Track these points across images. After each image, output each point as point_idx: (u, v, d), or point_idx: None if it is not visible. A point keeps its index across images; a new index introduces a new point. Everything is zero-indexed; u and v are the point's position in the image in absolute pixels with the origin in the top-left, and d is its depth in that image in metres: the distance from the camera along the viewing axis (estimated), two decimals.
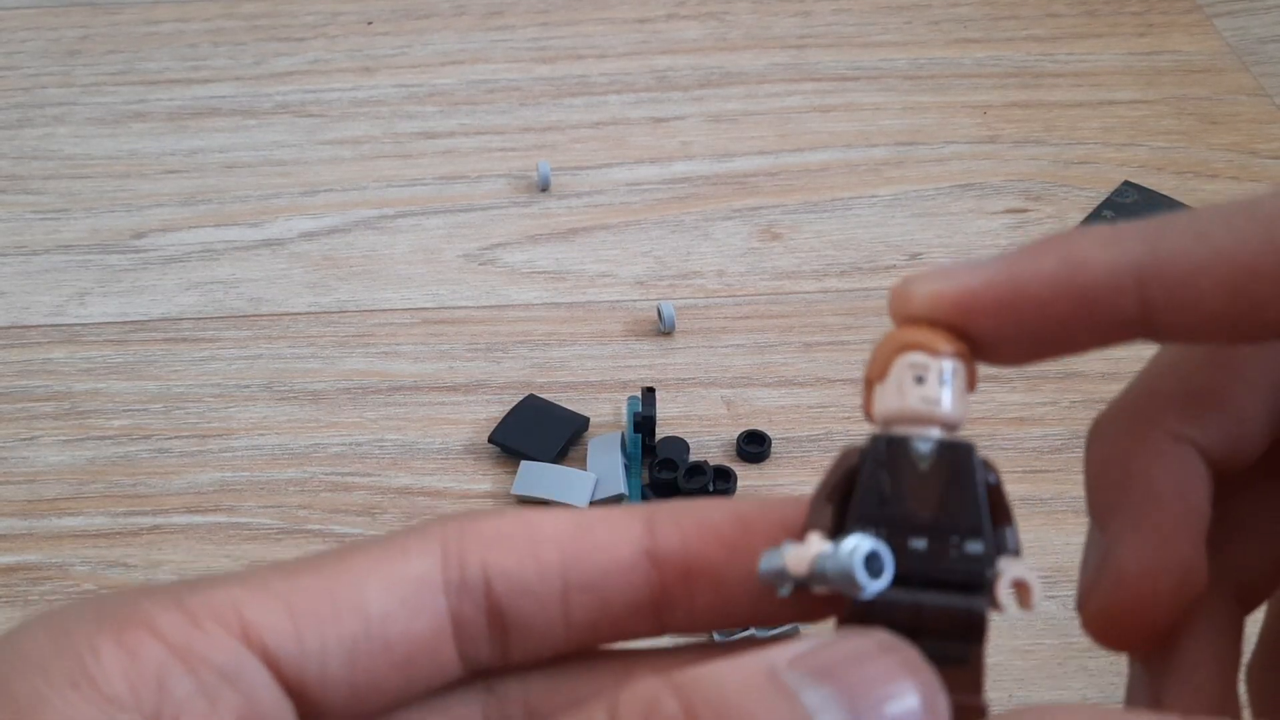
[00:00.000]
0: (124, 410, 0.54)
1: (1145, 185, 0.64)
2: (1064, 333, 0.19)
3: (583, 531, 0.20)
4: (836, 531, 0.19)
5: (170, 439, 0.52)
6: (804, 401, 0.54)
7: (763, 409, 0.53)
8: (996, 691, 0.44)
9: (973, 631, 0.18)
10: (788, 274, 0.60)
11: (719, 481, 0.49)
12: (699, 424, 0.53)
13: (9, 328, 0.57)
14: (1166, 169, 0.65)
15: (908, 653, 0.17)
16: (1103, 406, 0.22)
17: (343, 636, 0.18)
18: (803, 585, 0.19)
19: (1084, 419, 0.52)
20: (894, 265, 0.60)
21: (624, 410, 0.53)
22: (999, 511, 0.19)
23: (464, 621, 0.19)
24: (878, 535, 0.18)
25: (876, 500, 0.19)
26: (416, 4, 0.77)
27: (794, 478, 0.51)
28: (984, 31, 0.74)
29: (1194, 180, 0.64)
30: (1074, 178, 0.64)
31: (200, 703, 0.17)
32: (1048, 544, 0.48)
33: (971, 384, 0.20)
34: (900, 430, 0.19)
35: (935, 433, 0.19)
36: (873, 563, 0.18)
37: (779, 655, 0.17)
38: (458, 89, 0.71)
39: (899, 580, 0.18)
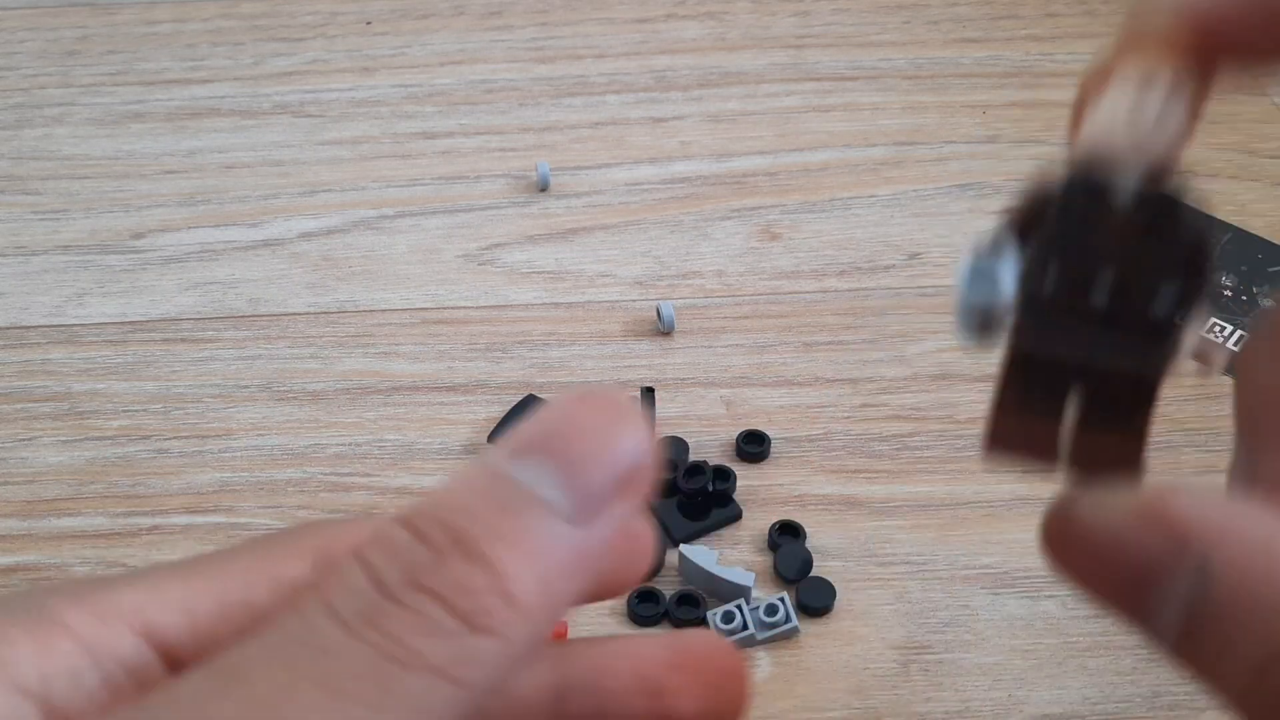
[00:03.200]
0: (123, 411, 0.54)
1: None
2: None
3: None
4: (1020, 266, 0.17)
5: (169, 439, 0.52)
6: (804, 401, 0.54)
7: (762, 409, 0.53)
8: (996, 691, 0.44)
9: (1145, 392, 0.17)
10: (787, 274, 0.60)
11: (718, 481, 0.49)
12: (698, 424, 0.53)
13: (8, 328, 0.57)
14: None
15: (602, 397, 0.18)
16: None
17: (235, 633, 0.19)
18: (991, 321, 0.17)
19: None
20: (893, 265, 0.60)
21: None
22: (1195, 269, 0.17)
23: None
24: (1061, 278, 0.17)
25: (1064, 240, 0.17)
26: (416, 4, 0.77)
27: (793, 478, 0.51)
28: (983, 31, 0.74)
29: (1193, 180, 0.64)
30: None
31: (106, 694, 0.18)
32: None
33: (1199, 111, 0.17)
34: (1105, 160, 0.17)
35: (1144, 169, 0.17)
36: (980, 278, 0.16)
37: (495, 454, 0.17)
38: (457, 89, 0.71)
39: (1074, 330, 0.16)
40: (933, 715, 0.43)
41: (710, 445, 0.52)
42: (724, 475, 0.49)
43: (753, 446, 0.51)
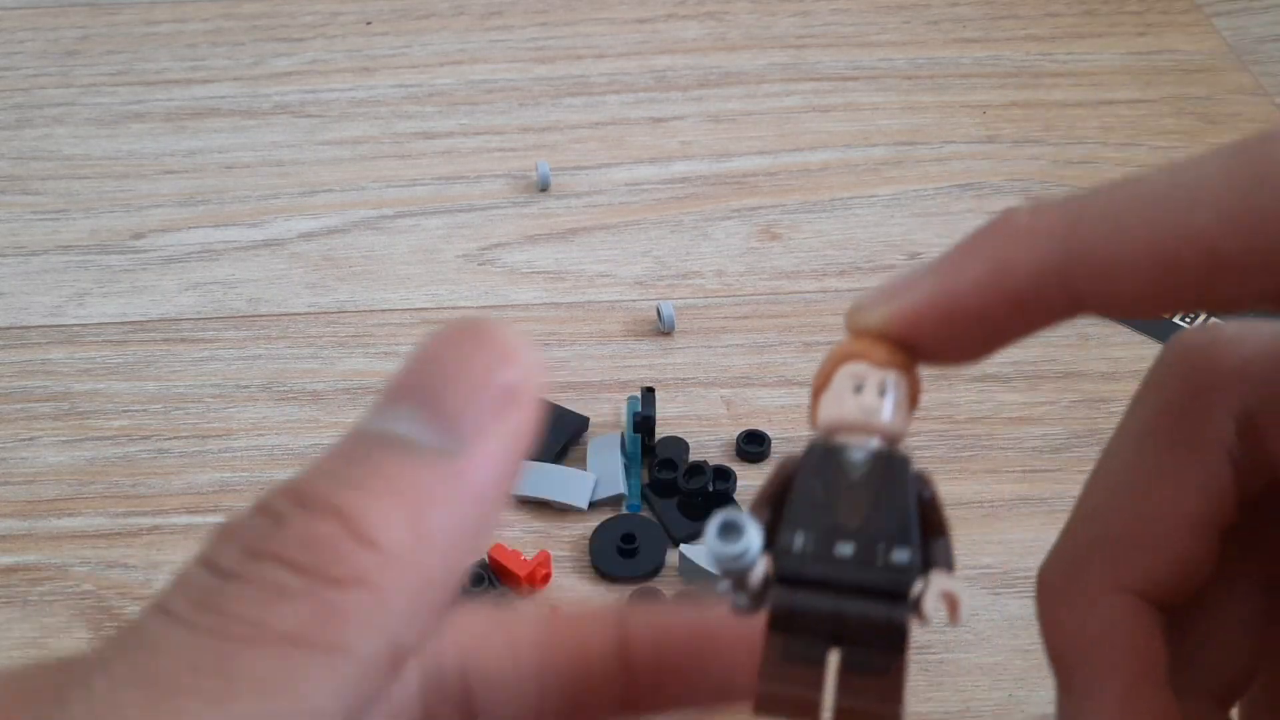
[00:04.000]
0: (123, 411, 0.54)
1: None
2: (1003, 329, 0.20)
3: (558, 633, 0.20)
4: (770, 535, 0.19)
5: (170, 439, 0.52)
6: (804, 401, 0.53)
7: (762, 409, 0.53)
8: (996, 691, 0.44)
9: (895, 641, 0.18)
10: (787, 274, 0.60)
11: (719, 481, 0.49)
12: (699, 424, 0.53)
13: (8, 328, 0.57)
14: None
15: (477, 329, 0.17)
16: (1100, 406, 0.23)
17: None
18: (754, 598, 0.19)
19: (1083, 418, 0.52)
20: (893, 265, 0.60)
21: (624, 410, 0.53)
22: (933, 525, 0.19)
23: (435, 717, 0.19)
24: (806, 539, 0.19)
25: (808, 505, 0.19)
26: (416, 4, 0.77)
27: None
28: (983, 31, 0.75)
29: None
30: (1073, 177, 0.65)
31: None
32: (1047, 544, 0.48)
33: (914, 398, 0.20)
34: (838, 439, 0.19)
35: (873, 442, 0.19)
36: (727, 531, 0.18)
37: (365, 416, 0.16)
38: (457, 89, 0.71)
39: (824, 586, 0.18)
40: (933, 715, 0.43)
41: (710, 445, 0.52)
42: (724, 475, 0.49)
43: (753, 446, 0.51)
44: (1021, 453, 0.51)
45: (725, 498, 0.49)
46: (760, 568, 0.18)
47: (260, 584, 0.14)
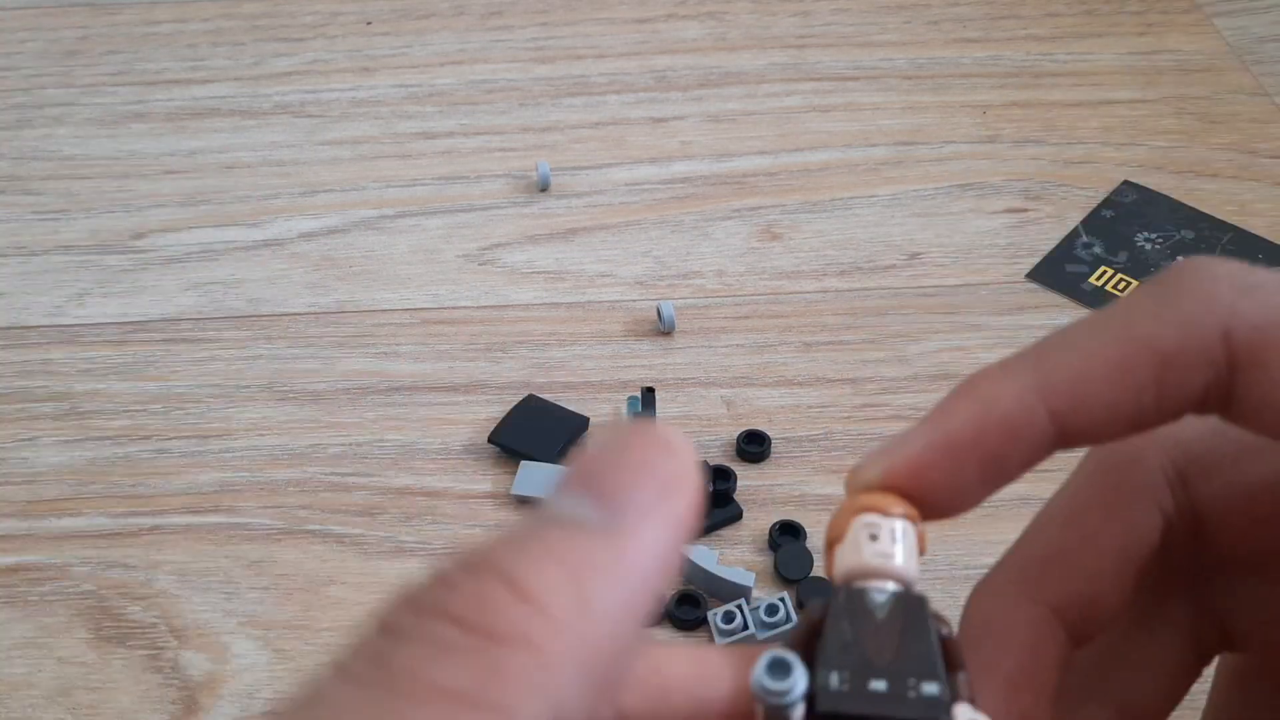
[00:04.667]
0: (124, 411, 0.54)
1: (1145, 185, 0.64)
2: (998, 464, 0.22)
3: (703, 669, 0.20)
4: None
5: (170, 439, 0.52)
6: (804, 401, 0.54)
7: (763, 409, 0.53)
8: None
9: None
10: (787, 274, 0.60)
11: (719, 481, 0.49)
12: (699, 424, 0.53)
13: (9, 328, 0.57)
14: (1166, 168, 0.65)
15: (643, 429, 0.18)
16: None
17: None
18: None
19: None
20: (894, 265, 0.60)
21: (624, 410, 0.53)
22: (952, 660, 0.21)
23: None
24: (842, 677, 0.20)
25: (839, 646, 0.20)
26: (416, 4, 0.77)
27: (794, 478, 0.51)
28: (983, 31, 0.75)
29: (1193, 180, 0.64)
30: (1073, 177, 0.65)
31: None
32: None
33: (922, 546, 0.22)
34: (859, 584, 0.21)
35: (891, 586, 0.21)
36: (776, 668, 0.19)
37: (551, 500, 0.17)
38: (457, 89, 0.71)
39: (864, 705, 0.19)
40: None
41: (711, 445, 0.52)
42: (724, 475, 0.49)
43: (753, 446, 0.51)
44: None
45: (725, 498, 0.49)
46: (800, 708, 0.19)
47: (428, 641, 0.14)
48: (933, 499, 0.21)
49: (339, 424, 0.53)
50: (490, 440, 0.51)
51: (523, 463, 0.50)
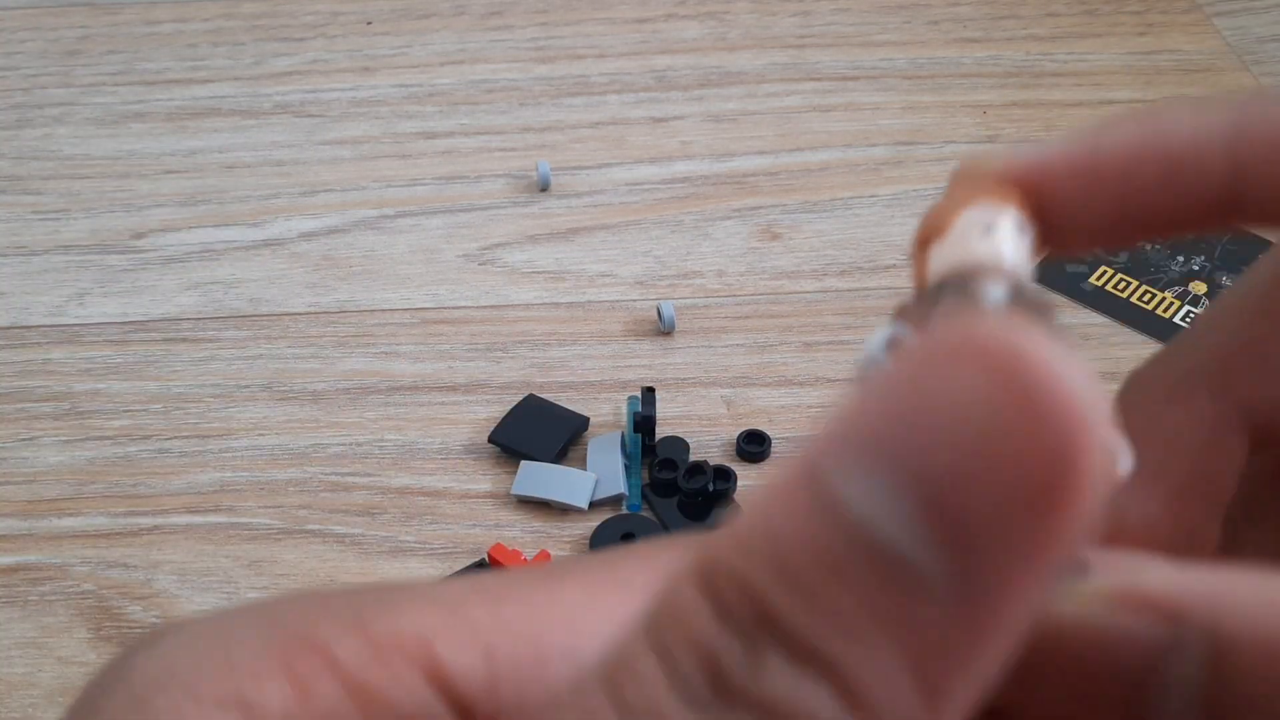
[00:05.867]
0: (124, 410, 0.54)
1: None
2: (1148, 204, 0.17)
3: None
4: None
5: (170, 439, 0.52)
6: (804, 401, 0.54)
7: (763, 409, 0.53)
8: None
9: None
10: (787, 274, 0.60)
11: (719, 481, 0.49)
12: (699, 424, 0.53)
13: (9, 328, 0.57)
14: None
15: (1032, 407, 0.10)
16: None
17: (545, 690, 0.14)
18: None
19: None
20: (894, 265, 0.60)
21: (624, 410, 0.53)
22: None
23: None
24: None
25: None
26: (416, 4, 0.77)
27: None
28: (983, 31, 0.74)
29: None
30: None
31: None
32: None
33: (1036, 257, 0.17)
34: (964, 281, 0.16)
35: (1004, 286, 0.16)
36: (896, 345, 0.15)
37: (823, 449, 0.11)
38: (457, 89, 0.71)
39: None
40: None
41: (711, 445, 0.52)
42: (725, 475, 0.49)
43: (753, 446, 0.51)
44: None
45: (725, 498, 0.49)
46: None
47: None
48: (1057, 214, 0.17)
49: (339, 424, 0.53)
50: (490, 440, 0.51)
51: (523, 463, 0.50)
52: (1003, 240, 0.16)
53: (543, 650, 0.14)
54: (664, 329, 0.56)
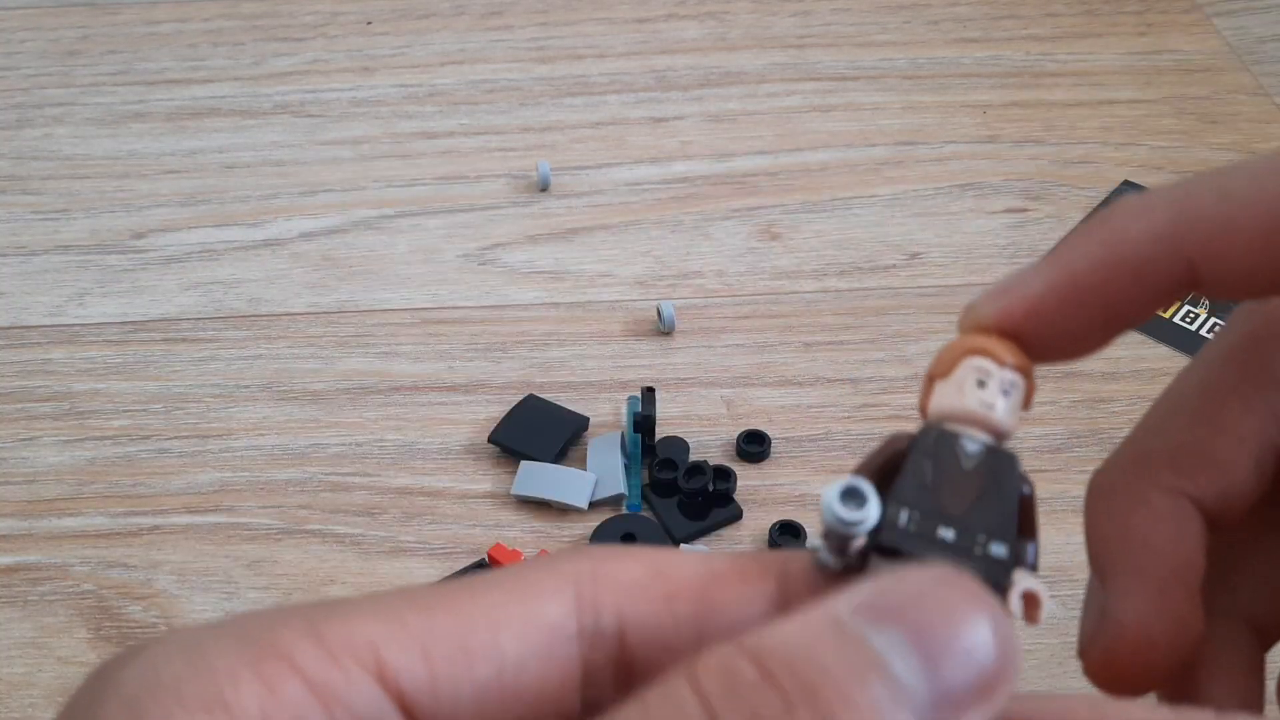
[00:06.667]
0: (124, 410, 0.54)
1: (1145, 185, 0.64)
2: (1120, 307, 0.20)
3: (716, 584, 0.20)
4: None
5: (170, 439, 0.53)
6: (804, 401, 0.54)
7: (763, 409, 0.53)
8: None
9: None
10: (787, 274, 0.60)
11: (719, 481, 0.49)
12: (699, 424, 0.53)
13: (9, 328, 0.57)
14: (1166, 168, 0.65)
15: (970, 584, 0.17)
16: (1100, 406, 0.24)
17: (475, 684, 0.17)
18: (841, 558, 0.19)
19: (1084, 418, 0.52)
20: (894, 265, 0.60)
21: (624, 410, 0.53)
22: (1026, 524, 0.20)
23: (593, 670, 0.19)
24: (911, 517, 0.19)
25: (916, 486, 0.19)
26: (416, 4, 0.77)
27: (794, 477, 0.51)
28: (983, 31, 0.75)
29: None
30: (1073, 177, 0.65)
31: None
32: (1048, 543, 0.48)
33: (1028, 402, 0.21)
34: (952, 427, 0.20)
35: (985, 437, 0.20)
36: (850, 496, 0.18)
37: (842, 605, 0.16)
38: (457, 89, 0.71)
39: (928, 550, 0.19)
40: None
41: (711, 445, 0.52)
42: (724, 475, 0.49)
43: (753, 446, 0.51)
44: (1022, 453, 0.51)
45: (725, 498, 0.49)
46: (862, 538, 0.18)
47: None
48: (1051, 343, 0.20)
49: (339, 424, 0.53)
50: (490, 440, 0.51)
51: (523, 463, 0.50)
52: (990, 393, 0.20)
53: (471, 651, 0.17)
54: (664, 329, 0.56)
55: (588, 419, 0.52)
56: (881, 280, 0.59)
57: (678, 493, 0.49)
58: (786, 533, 0.48)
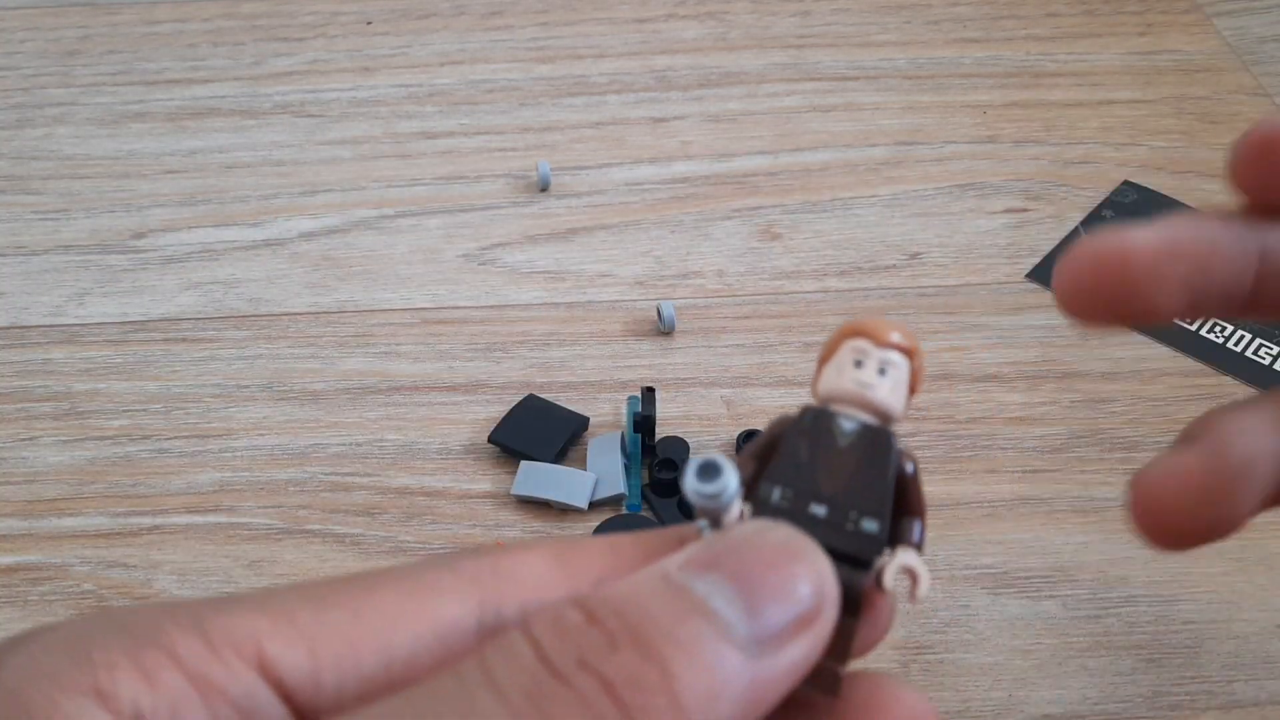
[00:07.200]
0: (124, 410, 0.54)
1: (1145, 185, 0.64)
2: (1202, 286, 0.22)
3: (621, 565, 0.20)
4: (751, 486, 0.20)
5: (170, 439, 0.53)
6: (803, 401, 0.53)
7: (763, 409, 0.53)
8: (996, 691, 0.44)
9: (850, 604, 0.19)
10: (787, 274, 0.60)
11: None
12: (699, 424, 0.53)
13: (9, 328, 0.57)
14: (1166, 169, 0.65)
15: (786, 531, 0.18)
16: (1100, 406, 0.24)
17: (361, 677, 0.18)
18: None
19: (1084, 418, 0.52)
20: (894, 265, 0.60)
21: (624, 410, 0.53)
22: (910, 502, 0.20)
23: None
24: (784, 494, 0.20)
25: (791, 464, 0.20)
26: (416, 4, 0.77)
27: None
28: (983, 31, 0.75)
29: (1194, 180, 0.64)
30: (1073, 177, 0.65)
31: None
32: (1048, 544, 0.48)
33: (914, 385, 0.21)
34: (832, 407, 0.21)
35: (864, 416, 0.20)
36: (706, 470, 0.19)
37: (671, 562, 0.17)
38: (457, 89, 0.71)
39: (802, 526, 0.19)
40: None
41: (711, 445, 0.52)
42: None
43: None
44: (1021, 453, 0.51)
45: None
46: (735, 511, 0.19)
47: (583, 700, 0.15)
48: (1144, 279, 0.22)
49: (339, 424, 0.53)
50: (490, 440, 0.51)
51: (523, 463, 0.50)
52: (866, 372, 0.21)
53: (359, 647, 0.18)
54: (664, 329, 0.56)
55: (588, 419, 0.52)
56: (881, 280, 0.59)
57: (678, 493, 0.49)
58: None
